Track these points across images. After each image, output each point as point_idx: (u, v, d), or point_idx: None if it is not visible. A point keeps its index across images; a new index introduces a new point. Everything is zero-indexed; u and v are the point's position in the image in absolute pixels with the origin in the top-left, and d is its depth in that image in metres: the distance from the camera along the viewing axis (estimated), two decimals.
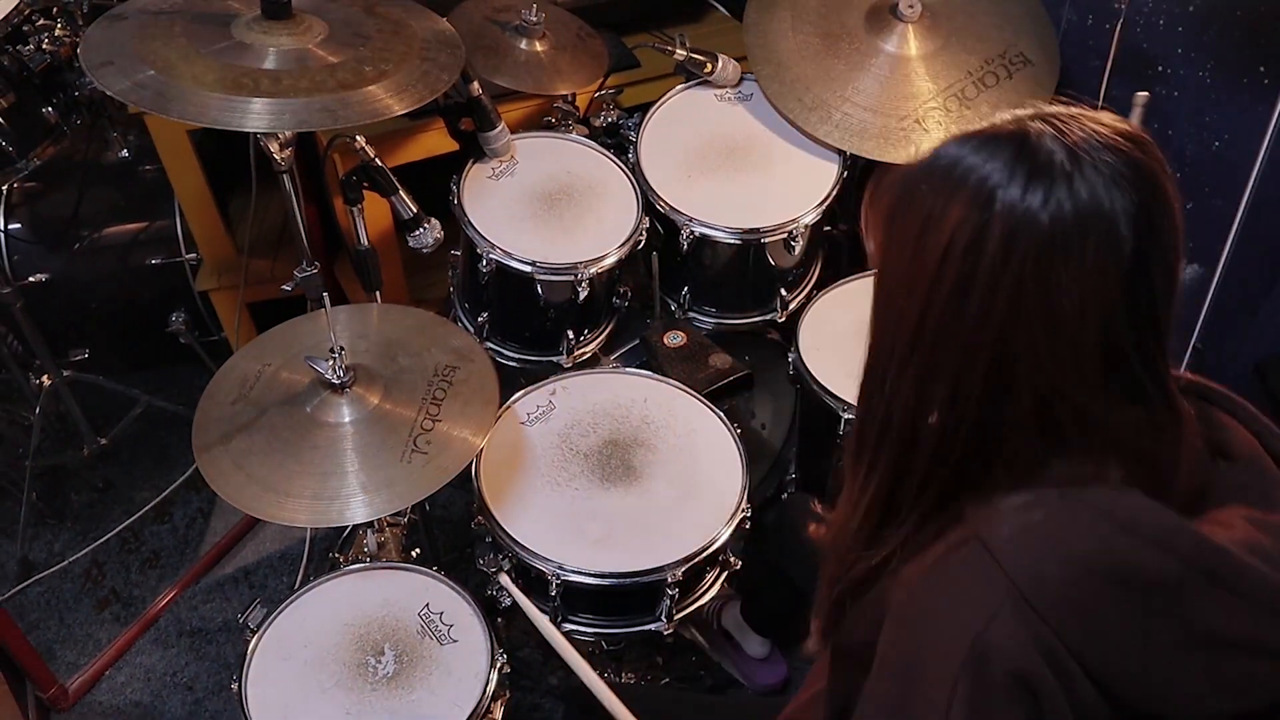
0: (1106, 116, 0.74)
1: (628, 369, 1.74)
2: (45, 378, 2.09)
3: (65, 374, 2.12)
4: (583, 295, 1.69)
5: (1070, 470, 0.75)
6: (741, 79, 1.91)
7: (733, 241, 1.76)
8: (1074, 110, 0.74)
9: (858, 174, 1.89)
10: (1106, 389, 0.74)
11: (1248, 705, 0.70)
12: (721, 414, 1.63)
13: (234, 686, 1.35)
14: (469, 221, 1.69)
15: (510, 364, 1.81)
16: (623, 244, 1.71)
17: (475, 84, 1.65)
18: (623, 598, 1.52)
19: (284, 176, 1.40)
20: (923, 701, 0.73)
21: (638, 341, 1.85)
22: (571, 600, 1.54)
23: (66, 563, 2.16)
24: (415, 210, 1.58)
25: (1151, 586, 0.68)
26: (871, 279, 0.83)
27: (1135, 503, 0.71)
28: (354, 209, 1.57)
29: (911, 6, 1.78)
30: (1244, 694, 0.70)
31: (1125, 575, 0.69)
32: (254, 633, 1.40)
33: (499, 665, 1.37)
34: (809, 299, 1.87)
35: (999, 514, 0.74)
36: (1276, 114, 1.60)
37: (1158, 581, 0.68)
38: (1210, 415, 0.84)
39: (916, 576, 0.78)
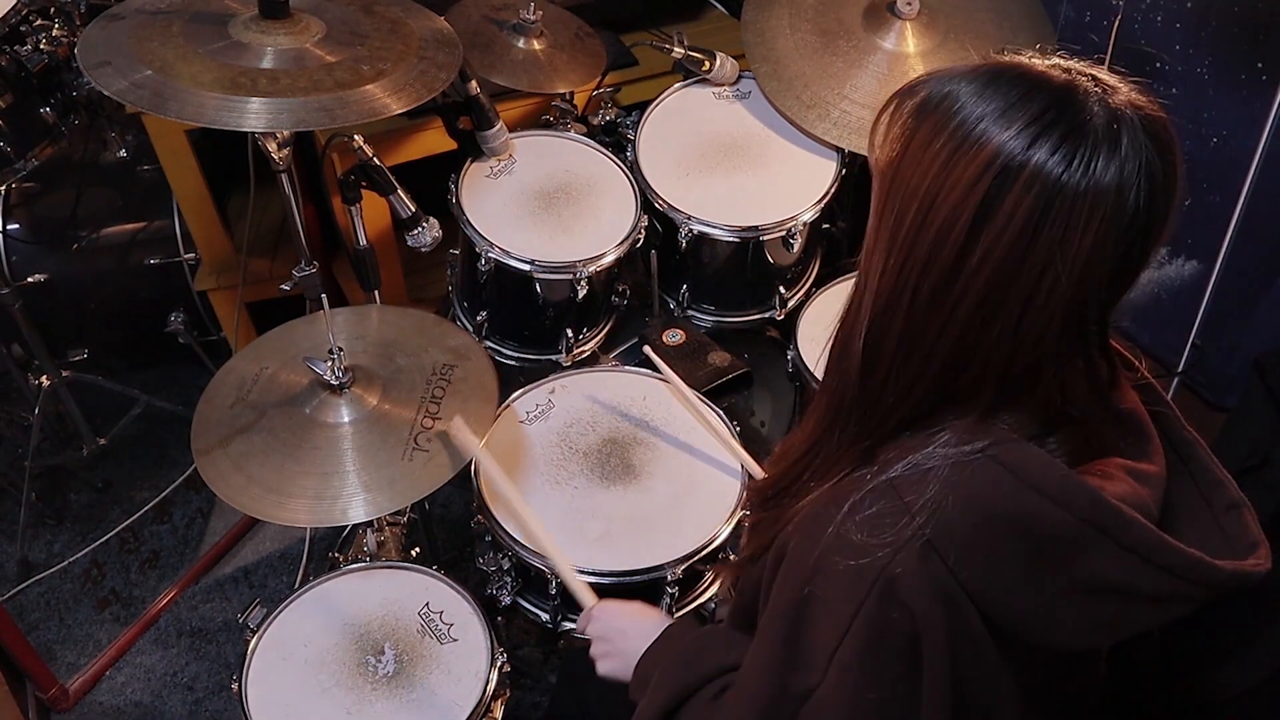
0: (1140, 92, 0.75)
1: (627, 367, 1.74)
2: (44, 378, 2.09)
3: (64, 374, 2.12)
4: (581, 294, 1.69)
5: (1007, 428, 0.78)
6: (739, 77, 1.91)
7: (731, 239, 1.76)
8: (1117, 80, 0.75)
9: (856, 171, 1.89)
10: (1070, 349, 0.77)
11: (1119, 637, 0.80)
12: (720, 411, 1.63)
13: (234, 686, 1.36)
14: (467, 220, 1.69)
15: (509, 363, 1.81)
16: (621, 242, 1.71)
17: (473, 83, 1.65)
18: (622, 596, 1.51)
19: (282, 176, 1.40)
20: (821, 618, 0.79)
21: (637, 340, 1.85)
22: (571, 599, 1.54)
23: (66, 563, 2.16)
24: (413, 209, 1.58)
25: (1048, 538, 0.74)
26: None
27: (1038, 459, 0.75)
28: (352, 208, 1.57)
29: (909, 4, 1.78)
30: (1117, 630, 0.79)
31: (1025, 527, 0.74)
32: (254, 632, 1.41)
33: (499, 664, 1.37)
34: (808, 296, 1.87)
35: (911, 462, 0.78)
36: (1274, 110, 1.60)
37: (1054, 534, 0.74)
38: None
39: (823, 512, 0.81)
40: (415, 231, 1.60)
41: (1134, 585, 0.75)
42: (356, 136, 1.50)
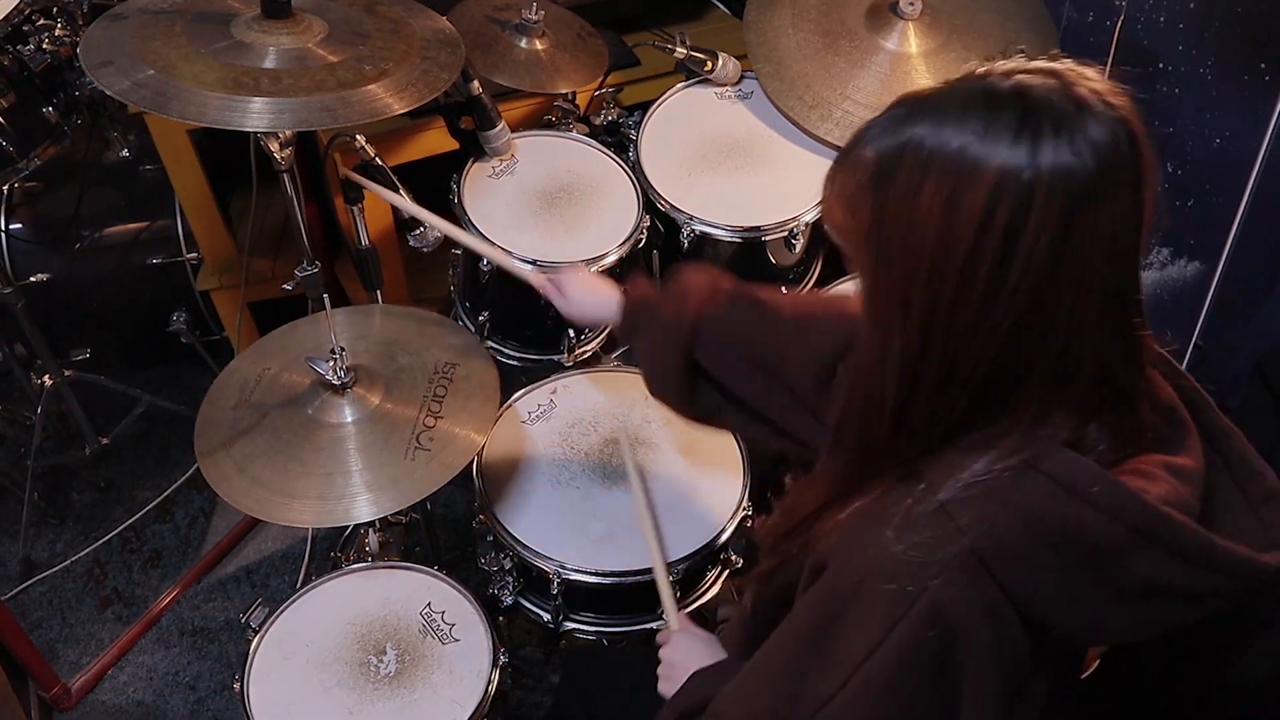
0: (1069, 64, 0.74)
1: (629, 367, 1.74)
2: (47, 377, 2.09)
3: (67, 374, 2.12)
4: None
5: (1051, 429, 0.77)
6: (742, 77, 1.91)
7: (733, 240, 1.75)
8: (1043, 63, 0.75)
9: None
10: (1112, 330, 0.76)
11: (1156, 632, 0.81)
12: None
13: (236, 686, 1.36)
14: (469, 220, 1.69)
15: (511, 363, 1.81)
16: (623, 243, 1.71)
17: (475, 82, 1.65)
18: (624, 596, 1.52)
19: (284, 176, 1.40)
20: (852, 631, 0.78)
21: None
22: (573, 599, 1.54)
23: (69, 562, 2.16)
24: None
25: (1098, 548, 0.73)
26: None
27: (1086, 470, 0.74)
28: (354, 208, 1.57)
29: (912, 4, 1.78)
30: (1155, 626, 0.80)
31: (1075, 539, 0.74)
32: (256, 632, 1.41)
33: (501, 664, 1.37)
34: None
35: (959, 477, 0.77)
36: (1277, 111, 1.60)
37: (1104, 545, 0.73)
38: None
39: (868, 528, 0.80)
40: (417, 231, 1.61)
41: (1178, 585, 0.75)
42: (359, 136, 1.50)
